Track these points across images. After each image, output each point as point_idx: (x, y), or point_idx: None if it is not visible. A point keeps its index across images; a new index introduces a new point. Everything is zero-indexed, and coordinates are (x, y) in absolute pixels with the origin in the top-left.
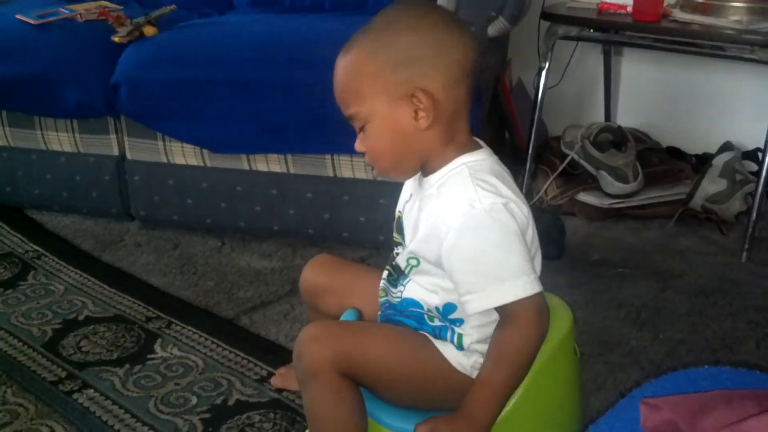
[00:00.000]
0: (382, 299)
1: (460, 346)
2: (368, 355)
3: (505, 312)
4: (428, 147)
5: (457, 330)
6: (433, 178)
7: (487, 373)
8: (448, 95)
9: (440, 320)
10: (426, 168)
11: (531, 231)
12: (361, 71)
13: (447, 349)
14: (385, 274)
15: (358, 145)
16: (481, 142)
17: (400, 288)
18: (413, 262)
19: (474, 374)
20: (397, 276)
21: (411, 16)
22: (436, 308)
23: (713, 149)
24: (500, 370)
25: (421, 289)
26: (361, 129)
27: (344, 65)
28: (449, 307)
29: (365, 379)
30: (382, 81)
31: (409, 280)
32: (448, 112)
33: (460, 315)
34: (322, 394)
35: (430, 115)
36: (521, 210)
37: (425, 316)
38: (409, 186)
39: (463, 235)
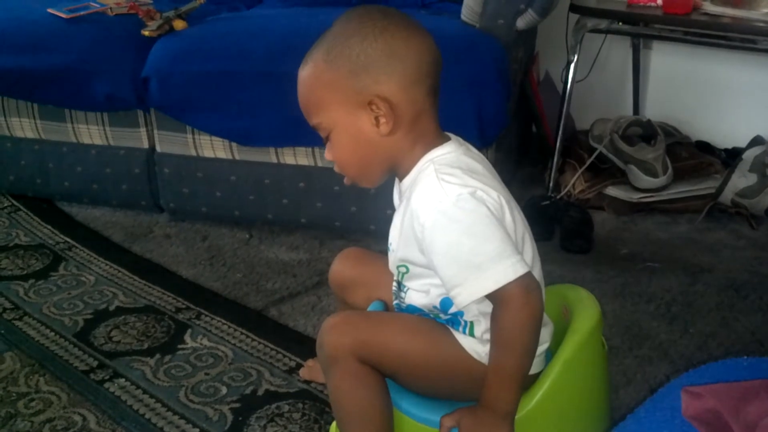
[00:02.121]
0: (395, 302)
1: (472, 335)
2: (386, 344)
3: (494, 298)
4: (394, 152)
5: (467, 320)
6: (407, 181)
7: (493, 361)
8: (406, 98)
9: (445, 315)
10: (399, 172)
11: (509, 216)
12: (318, 82)
13: (462, 338)
14: (395, 278)
15: (327, 154)
16: (451, 135)
17: (402, 295)
18: (402, 269)
19: None
20: (398, 284)
21: (362, 22)
22: (435, 307)
23: (743, 143)
24: (503, 356)
25: (418, 295)
26: (327, 138)
27: (303, 77)
28: (446, 302)
29: (385, 368)
30: (339, 91)
31: (407, 288)
32: (409, 115)
33: (458, 308)
34: (344, 381)
35: (390, 121)
36: (491, 196)
37: (431, 316)
38: (396, 192)
39: (435, 231)
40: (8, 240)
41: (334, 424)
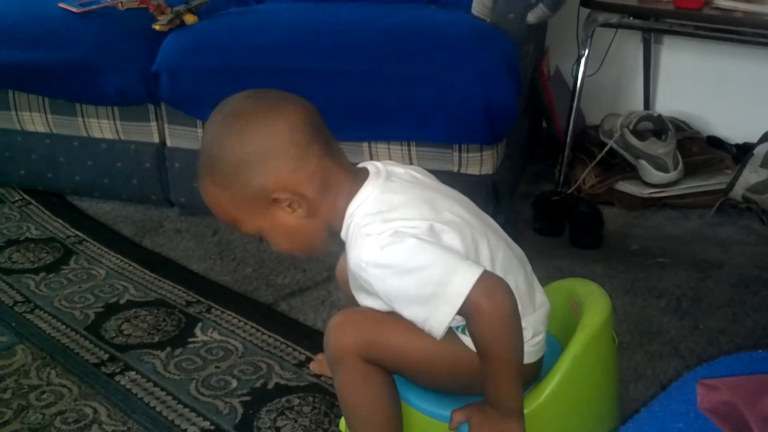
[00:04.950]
0: None
1: (465, 334)
2: (390, 342)
3: (462, 313)
4: (323, 221)
5: (456, 325)
6: (343, 236)
7: (483, 366)
8: (303, 177)
9: None
10: (335, 230)
11: (448, 231)
12: (220, 204)
13: (462, 336)
14: None
15: (272, 246)
16: (369, 167)
17: None
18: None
19: None
20: None
21: (221, 133)
22: None
23: (754, 138)
24: (491, 361)
25: None
26: (261, 237)
27: (206, 202)
28: None
29: (390, 365)
30: (242, 203)
31: None
32: (316, 188)
33: (438, 338)
34: (349, 379)
35: (303, 202)
36: (412, 225)
37: None
38: None
39: (379, 283)
40: (19, 233)
41: (343, 417)
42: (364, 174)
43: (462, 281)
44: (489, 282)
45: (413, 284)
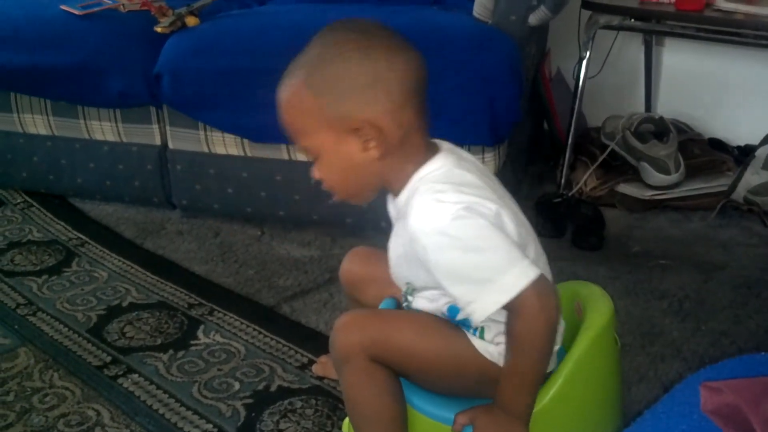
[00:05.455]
0: (404, 304)
1: (482, 338)
2: (397, 342)
3: (508, 307)
4: (384, 173)
5: (476, 326)
6: (400, 200)
7: (509, 364)
8: (394, 120)
9: (453, 321)
10: (392, 189)
11: (509, 223)
12: (300, 108)
13: (474, 339)
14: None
15: (315, 173)
16: (442, 144)
17: (410, 299)
18: (410, 286)
19: (502, 362)
20: (405, 293)
21: (344, 42)
22: (443, 313)
23: (756, 140)
24: (519, 360)
25: (425, 302)
26: (315, 159)
27: (284, 101)
28: (453, 310)
29: (396, 366)
30: (323, 117)
31: (415, 297)
32: (398, 138)
33: (465, 316)
34: (355, 379)
35: (380, 146)
36: (485, 206)
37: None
38: (390, 206)
39: (437, 252)
40: (21, 236)
41: (346, 420)
42: (436, 147)
43: (520, 275)
44: (544, 286)
45: (472, 263)
